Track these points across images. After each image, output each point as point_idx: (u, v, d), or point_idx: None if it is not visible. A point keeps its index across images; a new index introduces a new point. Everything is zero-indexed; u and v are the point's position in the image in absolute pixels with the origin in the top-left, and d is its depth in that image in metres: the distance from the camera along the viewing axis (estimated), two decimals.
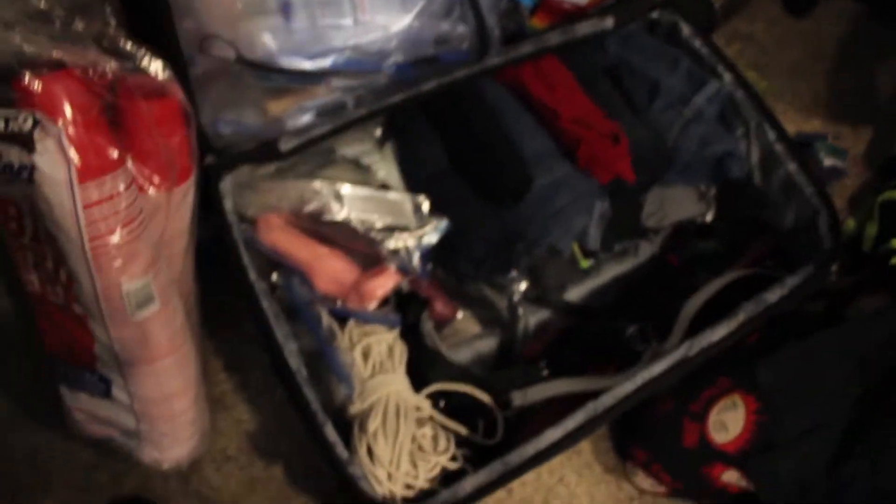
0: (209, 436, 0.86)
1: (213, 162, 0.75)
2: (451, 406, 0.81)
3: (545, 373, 0.87)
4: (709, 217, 0.96)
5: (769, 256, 0.94)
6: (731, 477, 0.83)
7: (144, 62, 0.67)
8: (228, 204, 0.75)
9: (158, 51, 0.67)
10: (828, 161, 1.03)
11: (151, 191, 0.68)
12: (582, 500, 0.93)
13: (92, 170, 0.62)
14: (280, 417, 0.90)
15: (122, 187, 0.64)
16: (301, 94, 0.74)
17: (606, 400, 0.75)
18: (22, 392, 0.87)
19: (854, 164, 1.14)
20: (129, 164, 0.65)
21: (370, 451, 0.72)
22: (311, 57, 0.70)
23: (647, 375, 0.77)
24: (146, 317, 0.70)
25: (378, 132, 0.91)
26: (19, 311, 0.86)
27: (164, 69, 0.67)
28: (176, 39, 0.67)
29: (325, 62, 0.71)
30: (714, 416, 0.83)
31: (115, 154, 0.63)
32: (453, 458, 0.76)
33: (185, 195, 0.73)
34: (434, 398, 0.80)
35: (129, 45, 0.66)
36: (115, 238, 0.64)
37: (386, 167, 0.88)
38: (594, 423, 0.74)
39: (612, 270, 0.97)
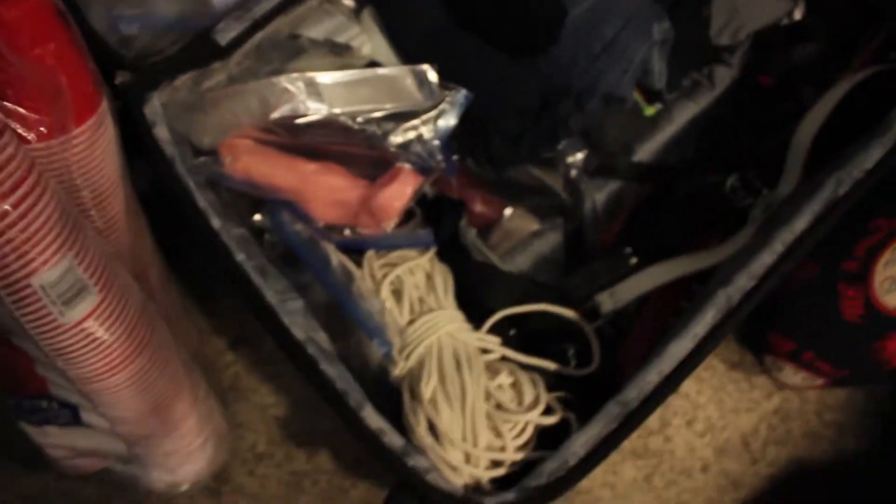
0: (229, 436, 0.70)
1: (128, 80, 0.54)
2: (526, 335, 0.62)
3: (633, 261, 0.68)
4: (797, 14, 0.76)
5: (891, 47, 0.72)
6: None
7: None
8: (162, 132, 0.56)
9: None
10: None
11: (35, 138, 0.47)
12: (709, 410, 0.75)
13: None
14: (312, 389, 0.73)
15: None
16: None
17: (742, 281, 0.54)
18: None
19: None
20: None
21: (433, 428, 0.52)
22: None
23: (788, 237, 0.55)
24: (82, 314, 0.51)
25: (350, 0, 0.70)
26: None
27: None
28: None
29: None
30: (880, 274, 0.62)
31: None
32: (548, 410, 0.55)
33: (95, 135, 0.52)
34: (501, 330, 0.61)
35: None
36: None
37: (371, 40, 0.68)
38: (732, 318, 0.54)
39: (687, 112, 0.78)
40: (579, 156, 0.72)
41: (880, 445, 0.75)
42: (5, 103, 0.46)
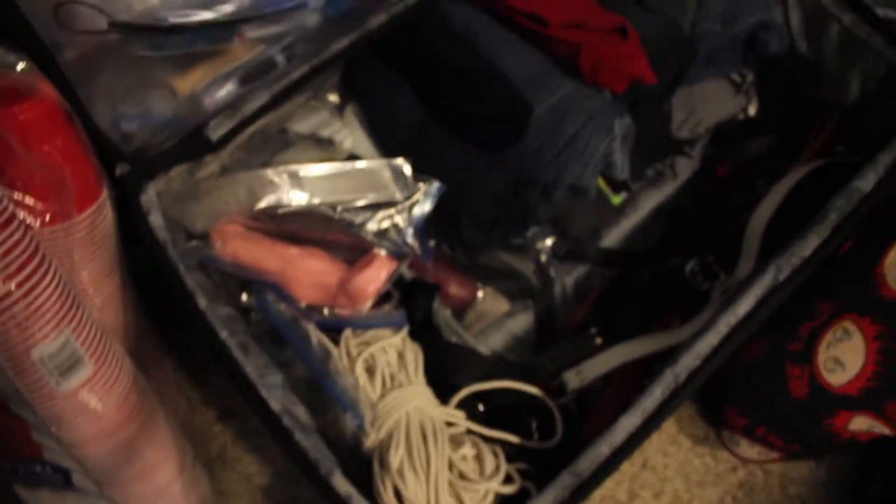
0: (215, 503, 0.72)
1: (127, 171, 0.59)
2: (492, 410, 0.65)
3: (598, 341, 0.71)
4: (752, 110, 0.81)
5: (838, 141, 0.77)
6: (861, 424, 0.65)
7: None
8: (156, 219, 0.60)
9: (6, 40, 0.51)
10: (880, 12, 0.85)
11: (40, 224, 0.52)
12: (676, 484, 0.77)
13: None
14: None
15: None
16: (212, 60, 0.58)
17: (687, 361, 0.58)
18: None
19: None
20: None
21: (399, 495, 0.56)
22: (207, 3, 0.53)
23: (731, 320, 0.59)
24: (77, 384, 0.54)
25: (333, 97, 0.75)
26: None
27: (19, 61, 0.51)
28: (25, 19, 0.50)
29: (228, 6, 0.54)
30: (823, 354, 0.65)
31: None
32: (508, 479, 0.59)
33: (95, 222, 0.57)
34: (468, 405, 0.64)
35: None
36: (1, 294, 0.48)
37: (352, 135, 0.73)
38: (678, 394, 0.57)
39: (651, 200, 0.82)
40: (548, 242, 0.75)
41: None
42: (15, 193, 0.51)
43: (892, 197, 0.64)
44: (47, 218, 0.52)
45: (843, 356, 0.64)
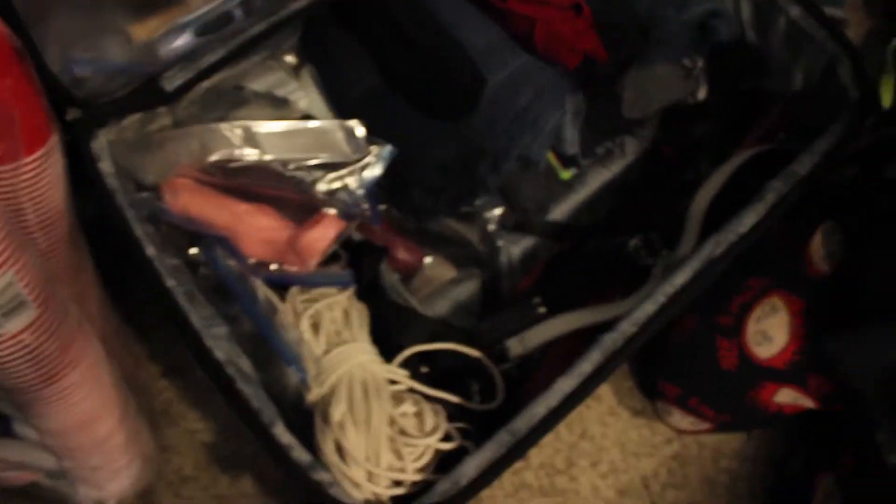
0: (157, 457, 0.73)
1: (78, 117, 0.59)
2: (436, 371, 0.67)
3: (542, 310, 0.73)
4: (701, 95, 0.82)
5: (780, 128, 0.80)
6: (786, 396, 0.68)
7: None
8: (106, 166, 0.60)
9: None
10: (826, 10, 0.87)
11: None
12: (612, 454, 0.79)
13: None
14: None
15: None
16: (170, 8, 0.58)
17: (625, 328, 0.60)
18: None
19: (853, 11, 0.99)
20: None
21: (339, 448, 0.57)
22: None
23: (669, 290, 0.61)
24: (20, 326, 0.54)
25: (291, 58, 0.75)
26: None
27: None
28: None
29: None
30: (752, 327, 0.68)
31: None
32: (447, 437, 0.60)
33: (44, 165, 0.56)
34: (412, 365, 0.65)
35: None
36: None
37: (307, 96, 0.73)
38: (614, 359, 0.59)
39: (599, 177, 0.83)
40: (496, 212, 0.76)
41: (771, 492, 0.80)
42: None
43: (823, 182, 0.67)
44: None
45: (771, 330, 0.66)
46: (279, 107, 0.70)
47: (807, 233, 0.68)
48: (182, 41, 0.60)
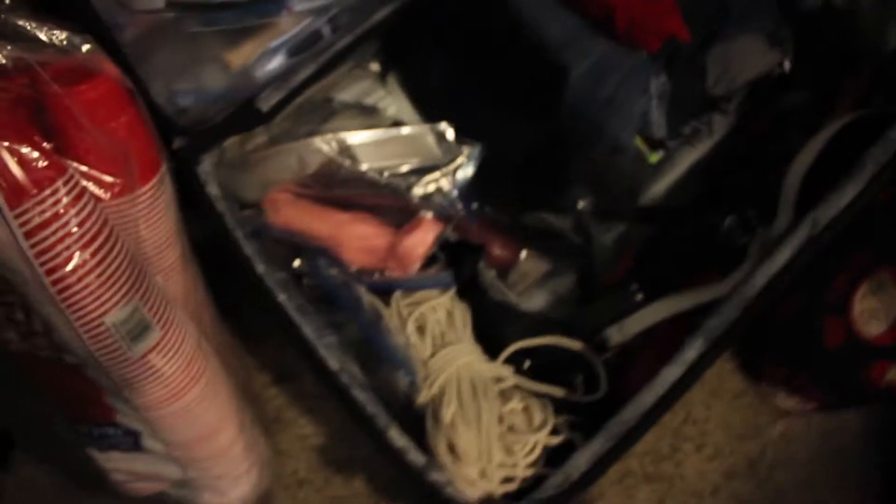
0: (273, 462, 0.75)
1: (184, 144, 0.62)
2: (538, 366, 0.68)
3: (639, 297, 0.73)
4: (787, 65, 0.80)
5: (874, 92, 0.77)
6: None
7: (57, 40, 0.53)
8: (213, 189, 0.63)
9: (71, 23, 0.53)
10: None
11: (109, 197, 0.54)
12: (718, 436, 0.79)
13: (22, 189, 0.49)
14: (348, 421, 0.77)
15: (66, 201, 0.50)
16: (262, 33, 0.60)
17: (728, 312, 0.60)
18: (65, 462, 0.78)
19: None
20: (70, 171, 0.51)
21: (452, 447, 0.58)
22: None
23: (769, 270, 0.61)
24: (146, 348, 0.57)
25: (376, 65, 0.77)
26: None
27: (84, 43, 0.53)
28: (87, 1, 0.53)
29: None
30: (859, 305, 0.66)
31: (46, 162, 0.50)
32: (555, 431, 0.61)
33: (157, 193, 0.59)
34: (515, 361, 0.67)
35: (32, 24, 0.52)
36: (76, 264, 0.51)
37: (395, 102, 0.75)
38: (720, 344, 0.59)
39: (688, 158, 0.82)
40: (588, 201, 0.77)
41: (883, 466, 0.79)
42: (84, 168, 0.54)
43: None
44: (115, 190, 0.55)
45: (879, 307, 0.65)
46: (368, 115, 0.72)
47: None
48: (275, 63, 0.62)
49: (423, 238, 0.66)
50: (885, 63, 0.76)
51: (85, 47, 0.54)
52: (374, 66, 0.77)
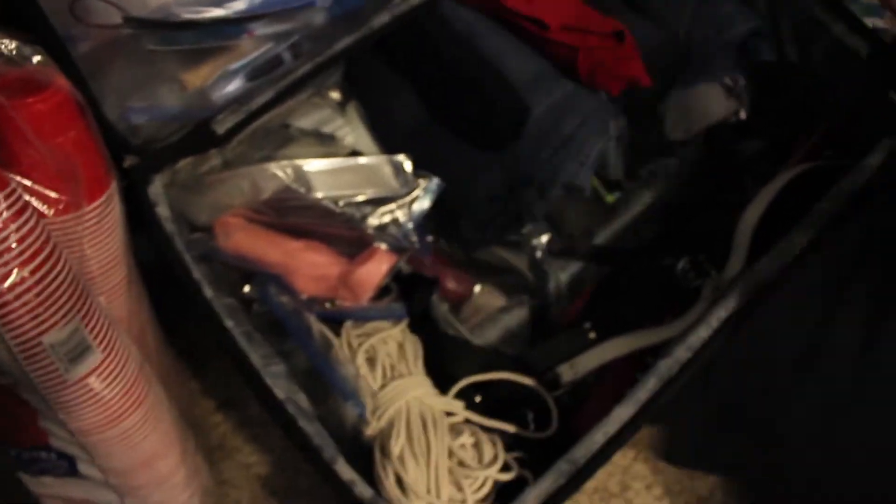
0: (215, 492, 0.74)
1: (135, 163, 0.61)
2: (489, 401, 0.67)
3: (592, 335, 0.72)
4: (743, 114, 0.82)
5: (826, 146, 0.78)
6: None
7: (7, 50, 0.52)
8: (163, 210, 0.61)
9: (23, 33, 0.52)
10: (869, 22, 0.87)
11: (53, 213, 0.53)
12: (668, 475, 0.78)
13: None
14: (293, 450, 0.75)
15: (6, 216, 0.48)
16: (221, 55, 0.59)
17: (680, 353, 0.60)
18: None
19: (894, 21, 0.98)
20: (13, 184, 0.50)
21: (400, 481, 0.57)
22: (219, 0, 0.55)
23: (722, 314, 0.61)
24: (86, 371, 0.55)
25: (336, 94, 0.76)
26: None
27: (35, 54, 0.52)
28: (41, 12, 0.52)
29: (239, 3, 0.56)
30: None
31: None
32: (506, 468, 0.60)
33: (104, 212, 0.58)
34: (466, 396, 0.66)
35: None
36: (14, 281, 0.49)
37: (354, 132, 0.75)
38: (671, 385, 0.59)
39: (644, 199, 0.84)
40: (544, 239, 0.76)
41: None
42: (28, 183, 0.52)
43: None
44: (60, 207, 0.54)
45: None
46: (326, 143, 0.71)
47: None
48: (233, 86, 0.62)
49: (376, 269, 0.66)
50: (836, 119, 0.78)
51: (36, 58, 0.53)
52: (335, 95, 0.76)
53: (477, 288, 0.77)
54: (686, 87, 0.79)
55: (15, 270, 0.49)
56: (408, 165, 0.67)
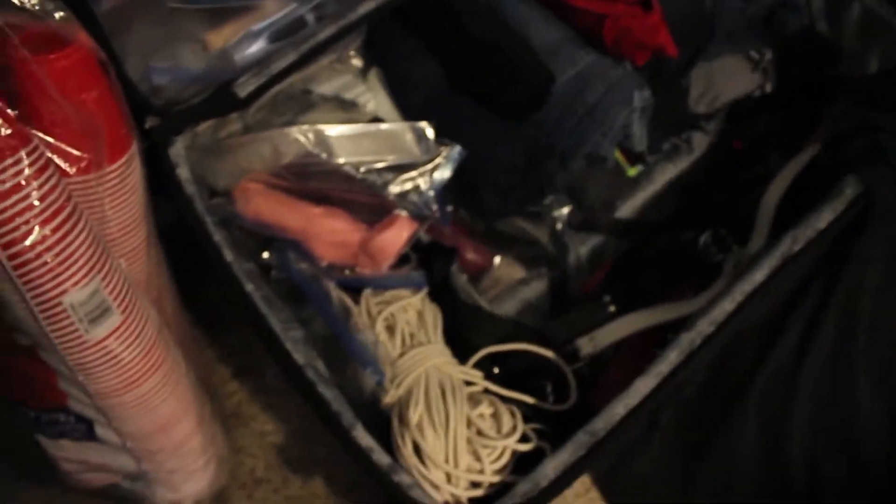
0: (230, 459, 0.73)
1: (156, 124, 0.60)
2: (508, 371, 0.66)
3: (612, 309, 0.72)
4: (768, 87, 0.82)
5: (852, 120, 0.77)
6: None
7: (30, 4, 0.51)
8: (184, 172, 0.61)
9: None
10: None
11: (74, 172, 0.52)
12: None
13: None
14: (309, 419, 0.76)
15: (28, 172, 0.48)
16: (245, 15, 0.59)
17: (702, 327, 0.59)
18: (6, 449, 0.75)
19: None
20: (35, 141, 0.49)
21: (418, 450, 0.57)
22: None
23: (747, 287, 0.60)
24: (105, 333, 0.55)
25: (357, 60, 0.75)
26: None
27: (58, 10, 0.51)
28: None
29: None
30: None
31: (9, 130, 0.47)
32: (524, 438, 0.60)
33: (126, 172, 0.57)
34: (485, 366, 0.65)
35: None
36: (35, 239, 0.49)
37: (375, 98, 0.74)
38: (693, 359, 0.58)
39: (666, 173, 0.83)
40: (564, 210, 0.76)
41: None
42: (51, 140, 0.52)
43: None
44: (81, 166, 0.53)
45: None
46: (347, 109, 0.71)
47: None
48: (256, 47, 0.61)
49: (396, 236, 0.65)
50: (863, 92, 0.77)
51: (58, 14, 0.52)
52: (356, 62, 0.75)
53: (496, 259, 0.76)
54: (711, 60, 0.78)
55: (36, 228, 0.49)
56: (430, 132, 0.66)
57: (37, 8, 0.51)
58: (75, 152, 0.52)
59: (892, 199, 0.63)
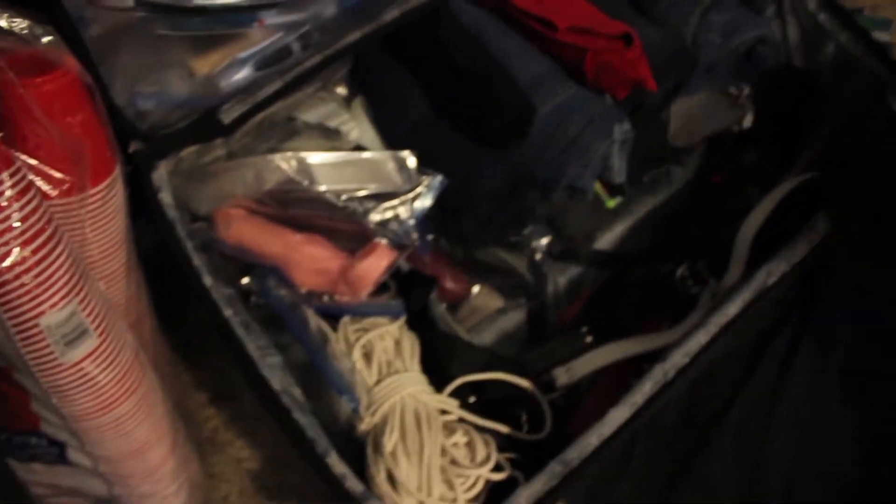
0: (204, 485, 0.73)
1: (140, 149, 0.60)
2: (484, 401, 0.67)
3: (588, 339, 0.73)
4: (747, 122, 0.82)
5: (829, 155, 0.78)
6: None
7: (18, 29, 0.51)
8: (167, 197, 0.61)
9: (34, 12, 0.52)
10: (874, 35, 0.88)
11: (56, 194, 0.53)
12: None
13: None
14: (284, 445, 0.75)
15: (10, 194, 0.48)
16: (231, 43, 0.59)
17: (676, 359, 0.60)
18: None
19: None
20: (18, 163, 0.50)
21: (391, 477, 0.57)
22: None
23: (721, 320, 0.61)
24: (82, 355, 0.55)
25: (342, 89, 0.76)
26: None
27: (45, 34, 0.52)
28: None
29: None
30: None
31: None
32: (498, 468, 0.60)
33: (108, 196, 0.58)
34: (461, 395, 0.65)
35: None
36: (14, 261, 0.49)
37: (358, 127, 0.74)
38: (666, 390, 0.59)
39: (645, 205, 0.84)
40: (544, 241, 0.76)
41: None
42: (34, 162, 0.52)
43: None
44: (63, 188, 0.53)
45: None
46: (331, 138, 0.71)
47: None
48: (242, 75, 0.61)
49: (376, 264, 0.65)
50: (838, 129, 0.78)
51: (46, 39, 0.53)
52: (341, 90, 0.76)
53: (475, 288, 0.77)
54: (691, 94, 0.79)
55: (16, 249, 0.49)
56: (412, 162, 0.66)
57: (25, 32, 0.52)
58: (58, 175, 0.53)
59: (861, 233, 0.65)
